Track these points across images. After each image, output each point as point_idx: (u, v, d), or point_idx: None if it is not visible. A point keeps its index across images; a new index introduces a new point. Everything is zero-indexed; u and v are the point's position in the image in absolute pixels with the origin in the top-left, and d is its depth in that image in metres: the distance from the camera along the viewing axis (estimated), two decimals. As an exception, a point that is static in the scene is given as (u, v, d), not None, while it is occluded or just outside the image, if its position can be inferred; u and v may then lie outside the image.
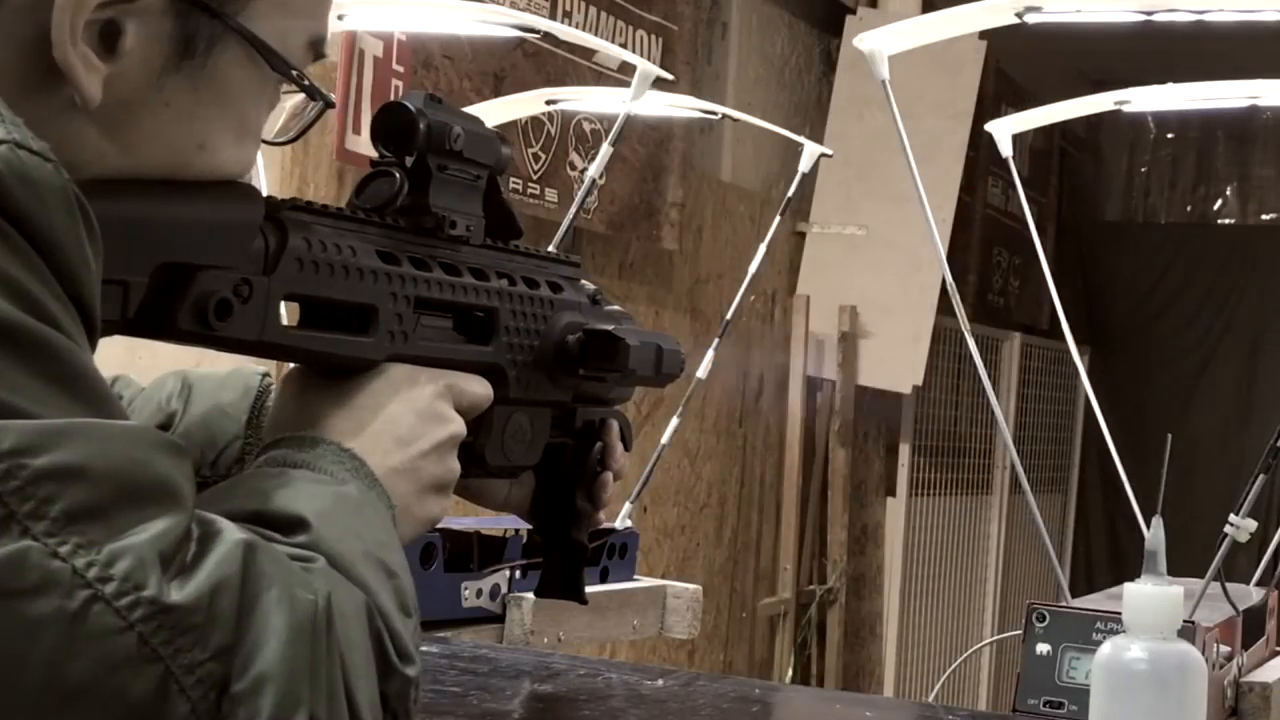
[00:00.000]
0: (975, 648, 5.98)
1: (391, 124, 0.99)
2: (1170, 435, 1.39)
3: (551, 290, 1.09)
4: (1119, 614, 1.17)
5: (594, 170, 2.22)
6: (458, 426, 0.98)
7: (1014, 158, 2.19)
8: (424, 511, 0.97)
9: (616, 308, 1.16)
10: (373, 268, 0.94)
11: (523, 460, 1.10)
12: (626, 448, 1.20)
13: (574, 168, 3.90)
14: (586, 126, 3.97)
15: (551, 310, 1.08)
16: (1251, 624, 1.82)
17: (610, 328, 1.08)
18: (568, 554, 1.16)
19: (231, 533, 0.73)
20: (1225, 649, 1.68)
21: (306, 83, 0.92)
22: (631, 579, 2.21)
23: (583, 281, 1.14)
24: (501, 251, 1.06)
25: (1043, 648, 1.65)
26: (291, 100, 0.95)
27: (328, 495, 0.84)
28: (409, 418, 0.95)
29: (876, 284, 5.24)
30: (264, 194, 0.92)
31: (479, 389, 1.01)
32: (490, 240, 1.05)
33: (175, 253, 0.84)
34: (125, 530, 0.68)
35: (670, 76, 2.28)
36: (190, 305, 0.84)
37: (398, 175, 0.97)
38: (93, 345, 0.74)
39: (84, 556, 0.67)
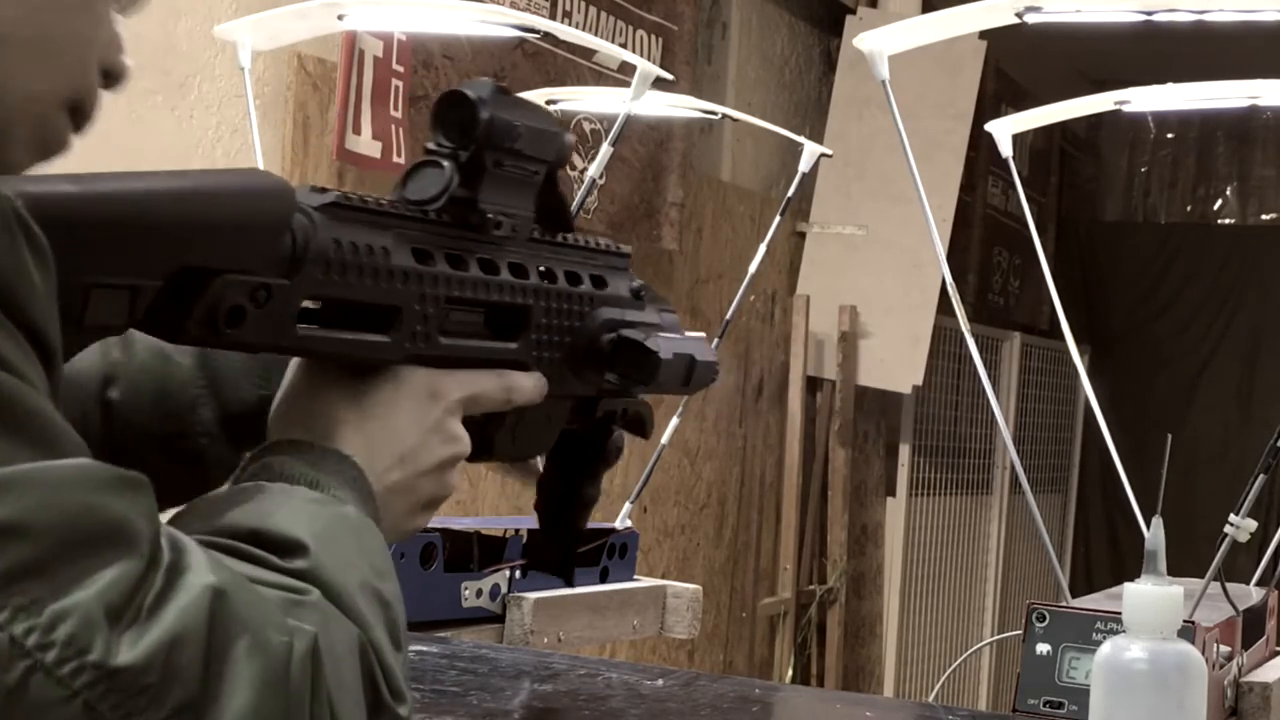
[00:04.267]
0: (975, 648, 5.98)
1: (452, 115, 0.94)
2: (1170, 435, 1.39)
3: (594, 285, 1.06)
4: (1119, 614, 1.17)
5: (594, 170, 2.22)
6: (463, 446, 0.95)
7: (1014, 158, 2.19)
8: (410, 526, 0.94)
9: (662, 306, 1.12)
10: (404, 269, 0.91)
11: (532, 450, 1.08)
12: (646, 435, 1.17)
13: (574, 168, 3.90)
14: (586, 126, 3.97)
15: (590, 306, 1.05)
16: (1251, 624, 1.82)
17: (644, 340, 1.05)
18: (566, 536, 1.15)
19: (200, 575, 0.69)
20: (1225, 649, 1.68)
21: None
22: (631, 579, 2.21)
23: (631, 276, 1.10)
24: (546, 244, 1.03)
25: (1043, 648, 1.65)
26: None
27: (327, 517, 0.81)
28: (416, 434, 0.91)
29: (876, 284, 5.24)
30: (309, 185, 0.88)
31: (496, 396, 0.98)
32: (538, 232, 1.01)
33: (193, 256, 0.79)
34: (70, 586, 0.64)
35: (670, 76, 2.28)
36: (202, 312, 0.80)
37: (448, 167, 0.94)
38: (51, 368, 0.70)
39: (23, 622, 0.63)
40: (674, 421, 2.38)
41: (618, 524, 2.23)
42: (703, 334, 1.21)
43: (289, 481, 0.83)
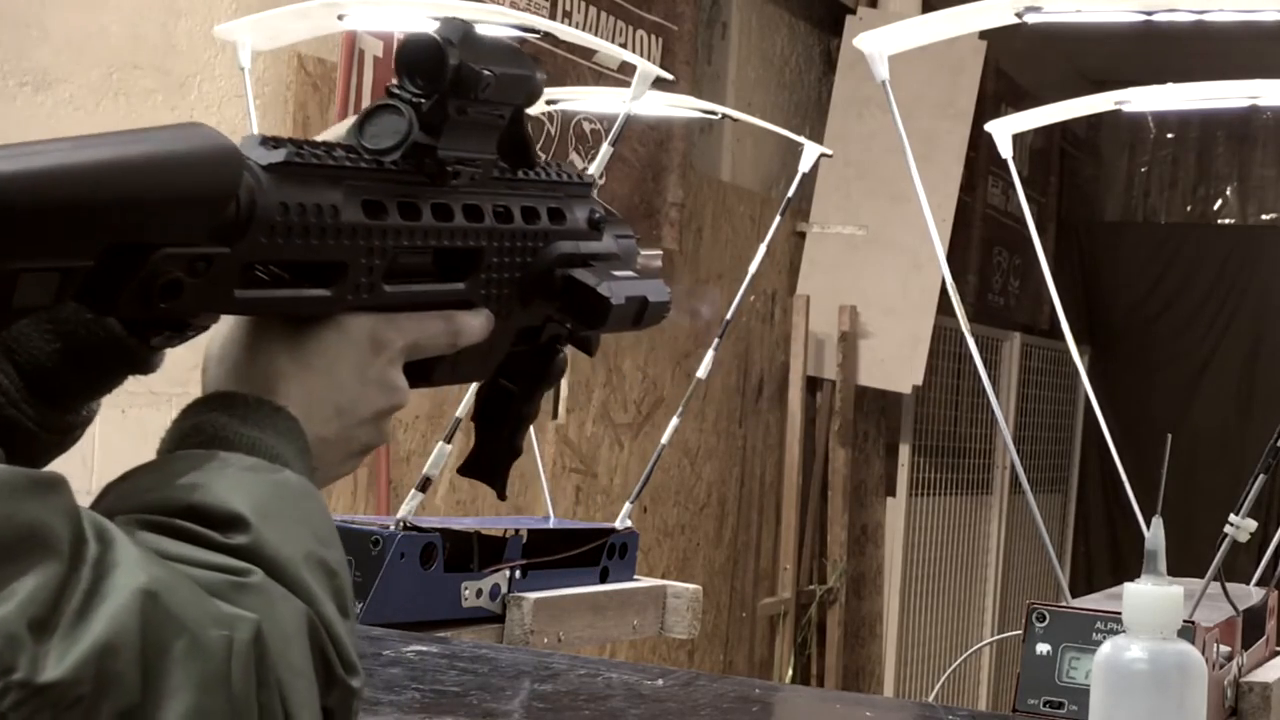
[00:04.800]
0: (975, 648, 5.98)
1: (417, 60, 0.90)
2: (1170, 435, 1.39)
3: (551, 219, 1.03)
4: (1119, 614, 1.17)
5: (594, 170, 2.22)
6: (402, 397, 0.92)
7: (1014, 158, 2.19)
8: (341, 472, 0.92)
9: (621, 232, 1.09)
10: (353, 225, 0.87)
11: (473, 377, 1.06)
12: (591, 353, 1.16)
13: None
14: (586, 126, 3.97)
15: (545, 241, 1.02)
16: (1251, 624, 1.82)
17: (597, 286, 1.02)
18: (500, 450, 1.13)
19: (129, 574, 0.67)
20: (1225, 649, 1.68)
21: None
22: (631, 579, 2.21)
23: (592, 204, 1.07)
24: (506, 181, 1.00)
25: (1043, 648, 1.65)
26: None
27: (267, 486, 0.79)
28: (355, 385, 0.89)
29: (876, 284, 5.24)
30: (260, 135, 0.84)
31: (441, 341, 0.95)
32: (499, 170, 0.99)
33: (129, 234, 0.75)
34: None
35: (670, 76, 2.28)
36: (136, 287, 0.76)
37: (408, 115, 0.90)
38: None
39: None
40: (674, 421, 2.38)
41: (618, 524, 2.23)
42: (659, 253, 1.18)
43: (223, 445, 0.81)
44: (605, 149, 2.22)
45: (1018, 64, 6.11)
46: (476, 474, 1.12)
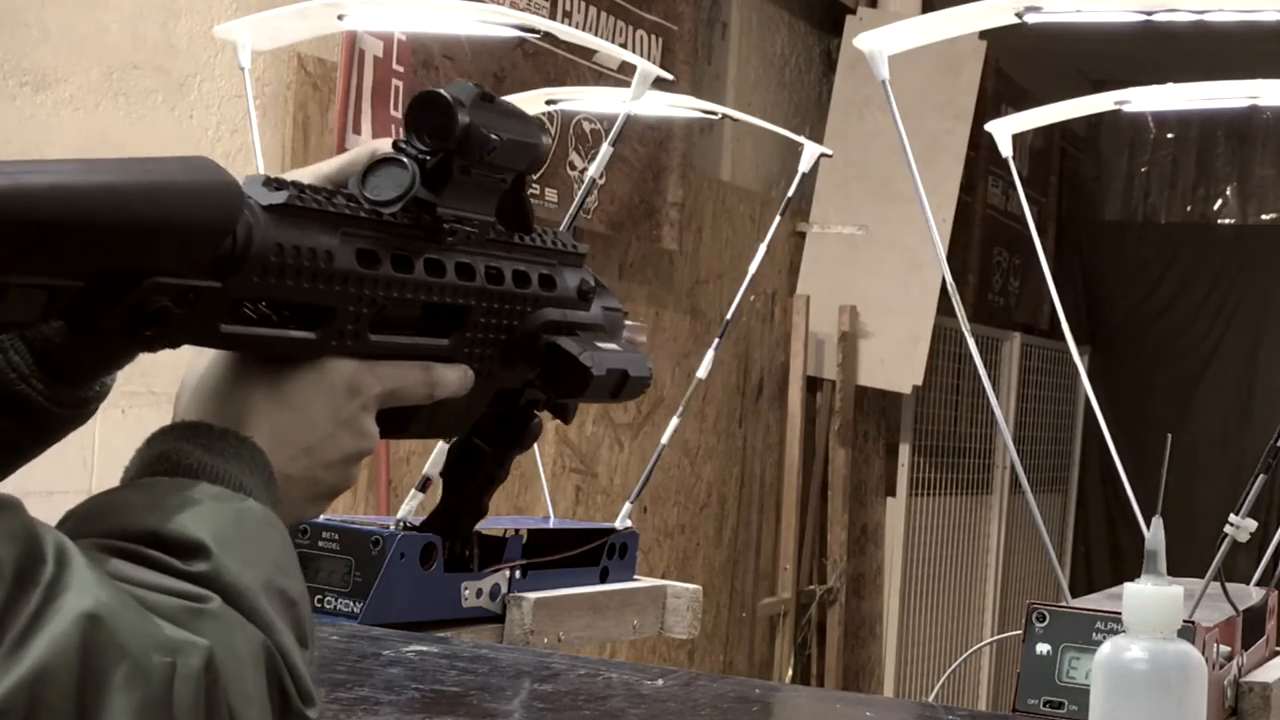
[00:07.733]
0: (975, 648, 5.98)
1: (427, 117, 0.92)
2: (1170, 435, 1.39)
3: (541, 285, 1.04)
4: (1119, 614, 1.17)
5: (594, 170, 2.22)
6: (371, 442, 0.93)
7: (1014, 158, 2.19)
8: (307, 513, 0.93)
9: (609, 304, 1.11)
10: (345, 272, 0.88)
11: (448, 432, 1.07)
12: (567, 421, 1.16)
13: (574, 168, 3.90)
14: (586, 126, 3.97)
15: (533, 307, 1.04)
16: (1251, 624, 1.82)
17: (579, 355, 1.03)
18: (466, 509, 1.14)
19: (77, 598, 0.67)
20: (1225, 649, 1.68)
21: None
22: (631, 579, 2.21)
23: (583, 274, 1.09)
24: (500, 244, 1.01)
25: (1043, 648, 1.65)
26: None
27: (229, 514, 0.79)
28: (326, 427, 0.90)
29: (876, 284, 5.24)
30: (264, 175, 0.85)
31: (418, 392, 0.96)
32: (495, 232, 1.00)
33: (123, 259, 0.75)
34: None
35: (670, 76, 2.28)
36: (122, 313, 0.77)
37: (412, 170, 0.92)
38: None
39: None
40: (674, 421, 2.38)
41: (618, 524, 2.23)
42: (643, 325, 1.19)
43: (189, 473, 0.81)
44: (605, 149, 2.22)
45: (1018, 64, 6.11)
46: (439, 530, 1.13)
